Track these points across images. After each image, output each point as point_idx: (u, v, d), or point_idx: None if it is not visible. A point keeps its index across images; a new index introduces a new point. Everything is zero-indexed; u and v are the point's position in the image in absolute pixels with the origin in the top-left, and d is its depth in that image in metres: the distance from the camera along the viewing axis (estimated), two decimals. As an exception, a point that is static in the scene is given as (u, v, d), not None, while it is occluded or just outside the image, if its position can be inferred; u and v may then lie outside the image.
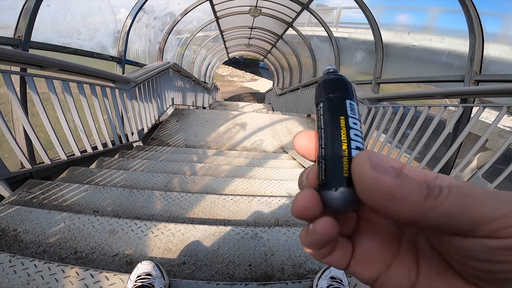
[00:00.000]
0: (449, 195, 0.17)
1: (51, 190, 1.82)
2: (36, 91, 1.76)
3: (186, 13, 5.33)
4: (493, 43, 2.27)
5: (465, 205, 0.17)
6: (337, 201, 0.20)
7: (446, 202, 0.17)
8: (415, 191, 0.17)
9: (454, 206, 0.17)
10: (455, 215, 0.17)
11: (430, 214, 0.17)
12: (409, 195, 0.17)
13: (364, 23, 4.05)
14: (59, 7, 2.67)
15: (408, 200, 0.17)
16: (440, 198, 0.17)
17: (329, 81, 0.24)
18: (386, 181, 0.18)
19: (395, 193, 0.18)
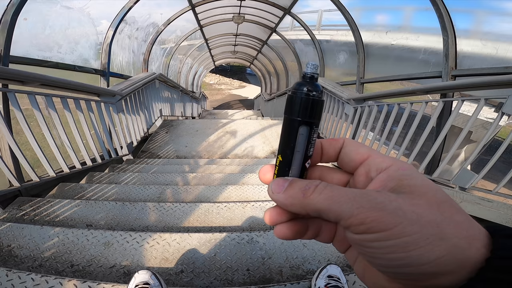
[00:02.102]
0: (319, 195, 0.23)
1: (42, 206, 1.79)
2: (19, 108, 1.73)
3: (169, 22, 5.35)
4: (465, 39, 2.37)
5: (329, 204, 0.23)
6: None
7: (315, 199, 0.23)
8: (296, 195, 0.24)
9: (322, 203, 0.23)
10: (324, 210, 0.23)
11: (308, 208, 0.24)
12: (293, 199, 0.25)
13: (344, 25, 4.15)
14: (37, 20, 2.63)
15: (293, 203, 0.25)
16: (311, 196, 0.24)
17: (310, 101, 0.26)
18: (278, 198, 0.25)
19: (285, 202, 0.25)
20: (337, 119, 3.81)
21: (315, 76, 0.26)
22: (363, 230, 0.22)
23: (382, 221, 0.21)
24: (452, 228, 0.21)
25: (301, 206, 0.24)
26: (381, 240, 0.21)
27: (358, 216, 0.22)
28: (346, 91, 3.72)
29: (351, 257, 0.29)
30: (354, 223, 0.22)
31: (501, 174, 1.81)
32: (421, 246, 0.20)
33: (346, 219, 0.22)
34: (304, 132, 0.26)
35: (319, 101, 0.26)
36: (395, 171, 0.25)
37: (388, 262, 0.22)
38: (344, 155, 0.28)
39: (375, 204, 0.22)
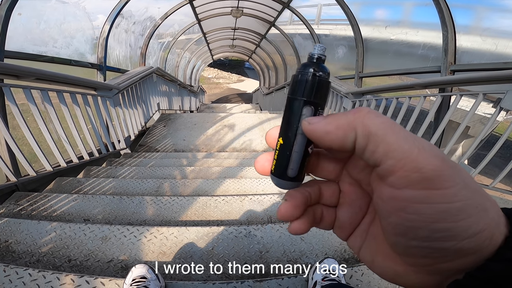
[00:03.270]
0: (378, 117, 0.20)
1: (39, 201, 1.79)
2: (14, 102, 1.72)
3: (166, 16, 5.28)
4: (464, 35, 2.37)
5: (386, 131, 0.19)
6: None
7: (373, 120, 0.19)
8: (343, 116, 0.21)
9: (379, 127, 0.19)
10: (378, 136, 0.19)
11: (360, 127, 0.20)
12: (339, 121, 0.21)
13: (343, 19, 4.13)
14: (32, 15, 2.60)
15: (339, 125, 0.21)
16: (368, 115, 0.20)
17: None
18: (318, 125, 0.22)
19: (327, 127, 0.21)
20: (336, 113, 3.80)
21: (322, 58, 0.24)
22: (414, 182, 0.18)
23: (442, 174, 0.17)
24: (489, 201, 0.19)
25: (351, 125, 0.20)
26: (434, 201, 0.17)
27: (417, 158, 0.17)
28: (345, 85, 3.71)
29: (356, 243, 0.26)
30: (408, 167, 0.17)
31: (497, 169, 1.82)
32: (471, 215, 0.17)
33: (399, 159, 0.18)
34: (308, 113, 0.24)
35: (325, 82, 0.24)
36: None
37: (429, 234, 0.18)
38: None
39: (438, 153, 0.18)
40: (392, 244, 0.22)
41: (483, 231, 0.18)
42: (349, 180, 0.26)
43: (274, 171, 0.26)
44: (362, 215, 0.26)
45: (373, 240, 0.25)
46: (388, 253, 0.23)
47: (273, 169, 0.26)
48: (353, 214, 0.26)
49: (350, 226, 0.27)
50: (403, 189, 0.18)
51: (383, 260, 0.23)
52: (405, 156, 0.18)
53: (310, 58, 0.24)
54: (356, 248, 0.26)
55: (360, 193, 0.26)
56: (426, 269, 0.20)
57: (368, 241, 0.26)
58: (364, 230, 0.26)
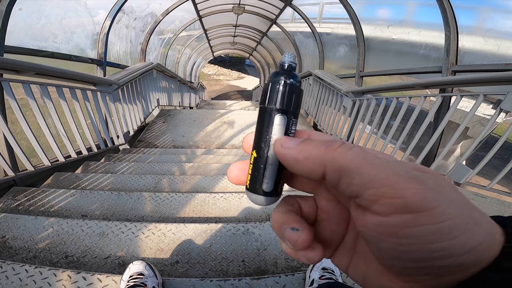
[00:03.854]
0: (347, 150, 0.19)
1: (37, 196, 1.79)
2: (13, 97, 1.71)
3: (167, 13, 5.25)
4: (467, 35, 2.36)
5: (359, 163, 0.18)
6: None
7: (344, 154, 0.19)
8: (316, 148, 0.20)
9: (351, 160, 0.19)
10: (351, 169, 0.19)
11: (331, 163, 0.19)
12: (310, 152, 0.20)
13: (345, 18, 4.11)
14: (32, 10, 2.59)
15: (309, 157, 0.20)
16: (339, 149, 0.20)
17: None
18: (288, 151, 0.21)
19: (298, 156, 0.21)
20: (335, 111, 3.80)
21: (292, 65, 0.24)
22: (398, 208, 0.17)
23: (424, 196, 0.17)
24: (479, 213, 0.18)
25: (321, 159, 0.20)
26: (423, 223, 0.17)
27: (396, 185, 0.17)
28: (345, 84, 3.70)
29: (341, 262, 0.25)
30: (389, 194, 0.17)
31: (495, 170, 1.82)
32: (463, 232, 0.17)
33: (377, 188, 0.18)
34: (280, 122, 0.23)
35: (298, 89, 0.23)
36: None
37: (425, 255, 0.18)
38: None
39: (414, 175, 0.18)
40: (387, 266, 0.21)
41: (480, 244, 0.18)
42: (326, 195, 0.25)
43: (249, 186, 0.24)
44: (343, 232, 0.25)
45: (361, 258, 0.24)
46: (380, 271, 0.22)
47: (248, 184, 0.24)
48: (333, 231, 0.25)
49: (331, 243, 0.25)
50: (390, 215, 0.18)
51: (376, 278, 0.22)
52: (383, 184, 0.18)
53: (281, 66, 0.24)
54: (343, 267, 0.25)
55: (338, 209, 0.25)
56: (427, 284, 0.20)
57: (356, 259, 0.24)
58: (350, 248, 0.25)
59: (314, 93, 4.69)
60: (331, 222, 0.25)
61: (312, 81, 4.77)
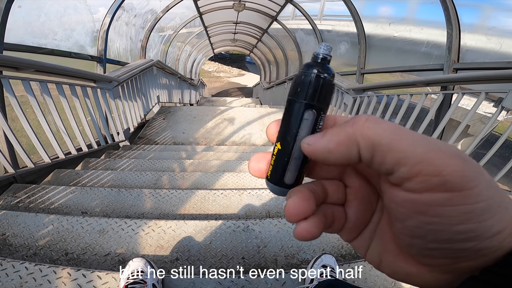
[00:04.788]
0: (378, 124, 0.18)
1: (37, 193, 1.79)
2: (13, 94, 1.70)
3: (168, 9, 5.23)
4: (469, 33, 2.35)
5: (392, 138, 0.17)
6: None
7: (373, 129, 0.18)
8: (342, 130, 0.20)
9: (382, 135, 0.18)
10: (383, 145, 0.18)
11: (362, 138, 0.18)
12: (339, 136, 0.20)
13: (347, 15, 4.09)
14: (32, 7, 2.58)
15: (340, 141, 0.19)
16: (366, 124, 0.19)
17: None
18: (318, 146, 0.20)
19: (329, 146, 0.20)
20: (336, 108, 3.79)
21: (327, 58, 0.23)
22: (435, 186, 0.16)
23: (465, 175, 0.16)
24: (507, 198, 0.18)
25: (353, 139, 0.19)
26: (458, 203, 0.16)
27: (435, 161, 0.16)
28: (346, 81, 3.68)
29: (363, 244, 0.24)
30: (426, 171, 0.16)
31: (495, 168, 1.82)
32: (494, 215, 0.17)
33: (413, 165, 0.17)
34: (309, 117, 0.22)
35: (330, 85, 0.22)
36: None
37: (451, 236, 0.17)
38: None
39: (456, 152, 0.17)
40: (406, 246, 0.20)
41: (504, 229, 0.17)
42: (355, 174, 0.24)
43: (270, 177, 0.24)
44: (372, 212, 0.24)
45: (379, 240, 0.23)
46: (398, 253, 0.21)
47: (269, 174, 0.24)
48: (363, 212, 0.24)
49: (359, 225, 0.24)
50: (423, 193, 0.17)
51: (393, 260, 0.22)
52: (420, 161, 0.17)
53: (315, 58, 0.23)
54: (363, 249, 0.25)
55: (368, 188, 0.24)
56: (443, 268, 0.19)
57: (375, 241, 0.24)
58: (372, 230, 0.24)
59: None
60: (362, 201, 0.24)
61: (312, 79, 4.74)
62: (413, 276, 0.21)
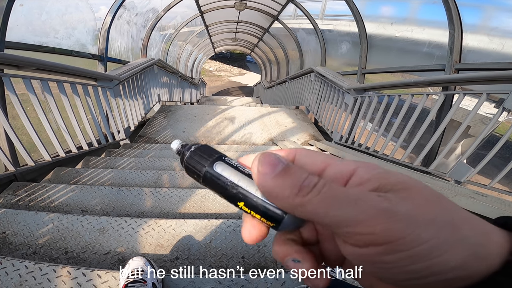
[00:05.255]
0: (317, 195, 0.20)
1: (37, 191, 1.79)
2: (14, 92, 1.71)
3: (169, 8, 5.22)
4: (471, 34, 2.34)
5: (327, 208, 0.19)
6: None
7: (312, 201, 0.20)
8: (289, 188, 0.20)
9: (318, 207, 0.19)
10: (318, 215, 0.19)
11: (299, 210, 0.20)
12: (282, 190, 0.20)
13: (348, 15, 4.08)
14: (33, 6, 2.58)
15: (278, 197, 0.21)
16: (308, 196, 0.20)
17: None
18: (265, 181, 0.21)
19: (271, 190, 0.21)
20: (337, 108, 3.78)
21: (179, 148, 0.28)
22: (371, 242, 0.18)
23: (394, 228, 0.18)
24: (466, 225, 0.19)
25: (290, 205, 0.20)
26: (396, 251, 0.18)
27: (365, 223, 0.18)
28: (347, 81, 3.68)
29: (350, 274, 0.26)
30: (360, 231, 0.18)
31: (496, 169, 1.81)
32: (444, 250, 0.18)
33: (348, 227, 0.19)
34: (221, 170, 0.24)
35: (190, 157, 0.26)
36: (366, 173, 0.21)
37: (409, 275, 0.18)
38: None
39: (383, 208, 0.18)
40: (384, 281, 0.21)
41: (465, 259, 0.18)
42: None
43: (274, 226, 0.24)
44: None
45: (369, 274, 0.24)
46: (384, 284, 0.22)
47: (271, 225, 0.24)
48: (334, 250, 0.25)
49: (335, 260, 0.26)
50: (366, 247, 0.19)
51: (381, 286, 0.23)
52: (353, 224, 0.19)
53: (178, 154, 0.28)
54: (353, 275, 0.25)
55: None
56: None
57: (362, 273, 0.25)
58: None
59: (315, 90, 4.67)
60: (330, 242, 0.25)
61: (313, 78, 4.74)
62: None
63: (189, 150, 0.26)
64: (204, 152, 0.25)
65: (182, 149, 0.27)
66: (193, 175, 0.26)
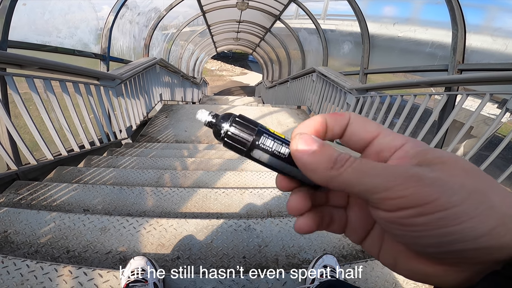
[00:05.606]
0: (348, 168, 0.21)
1: (39, 190, 1.79)
2: (16, 91, 1.71)
3: (171, 8, 5.23)
4: (475, 34, 2.32)
5: (359, 177, 0.21)
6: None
7: (344, 173, 0.21)
8: (324, 163, 0.22)
9: (351, 177, 0.21)
10: (352, 184, 0.21)
11: (333, 182, 0.22)
12: (318, 166, 0.22)
13: (350, 15, 4.07)
14: (36, 5, 2.59)
15: (316, 170, 0.22)
16: (340, 169, 0.21)
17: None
18: (302, 157, 0.23)
19: (308, 165, 0.23)
20: (339, 108, 3.78)
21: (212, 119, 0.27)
22: (401, 205, 0.19)
23: (423, 191, 0.19)
24: (498, 196, 0.19)
25: (326, 177, 0.22)
26: (426, 213, 0.18)
27: (395, 188, 0.19)
28: (349, 81, 3.67)
29: (373, 247, 0.26)
30: (390, 196, 0.19)
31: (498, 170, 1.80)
32: (473, 216, 0.18)
33: (379, 193, 0.20)
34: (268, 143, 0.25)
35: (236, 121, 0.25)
36: (412, 148, 0.22)
37: (438, 239, 0.19)
38: (350, 132, 0.25)
39: (412, 174, 0.19)
40: (414, 251, 0.22)
41: (495, 227, 0.18)
42: None
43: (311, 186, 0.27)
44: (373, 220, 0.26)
45: (392, 243, 0.24)
46: (412, 255, 0.22)
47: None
48: (363, 216, 0.26)
49: (362, 229, 0.26)
50: (396, 211, 0.20)
51: (408, 262, 0.23)
52: (386, 189, 0.19)
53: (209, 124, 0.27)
54: (374, 252, 0.26)
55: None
56: (457, 268, 0.21)
57: (387, 244, 0.25)
58: (380, 233, 0.26)
59: (317, 90, 4.66)
60: (362, 207, 0.26)
61: (315, 78, 4.74)
62: (430, 276, 0.22)
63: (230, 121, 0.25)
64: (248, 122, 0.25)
65: (216, 121, 0.26)
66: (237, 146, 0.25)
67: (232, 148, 0.25)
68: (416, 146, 0.22)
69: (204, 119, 0.27)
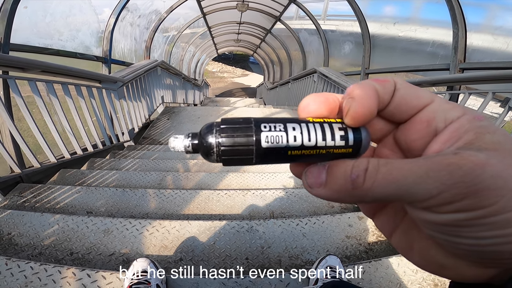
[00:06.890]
0: (375, 181, 0.17)
1: (43, 193, 1.80)
2: (19, 94, 1.72)
3: (171, 10, 5.25)
4: (476, 33, 2.32)
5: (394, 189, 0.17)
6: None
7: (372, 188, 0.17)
8: (343, 187, 0.18)
9: (384, 190, 0.17)
10: (388, 196, 0.17)
11: (365, 199, 0.18)
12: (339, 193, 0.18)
13: (351, 15, 4.07)
14: (37, 8, 2.61)
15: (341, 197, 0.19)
16: (364, 186, 0.17)
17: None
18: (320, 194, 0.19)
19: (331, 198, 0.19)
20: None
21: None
22: (451, 210, 0.16)
23: (479, 196, 0.16)
24: None
25: (355, 198, 0.18)
26: (476, 218, 0.16)
27: (442, 195, 0.16)
28: (350, 81, 3.67)
29: (387, 225, 0.23)
30: (438, 202, 0.16)
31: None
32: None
33: (423, 201, 0.17)
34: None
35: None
36: (470, 122, 0.18)
37: (478, 241, 0.17)
38: (398, 100, 0.21)
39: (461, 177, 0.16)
40: (440, 244, 0.19)
41: None
42: (391, 146, 0.23)
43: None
44: None
45: (410, 226, 0.22)
46: (433, 245, 0.20)
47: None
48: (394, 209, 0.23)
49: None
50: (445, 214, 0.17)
51: (426, 251, 0.21)
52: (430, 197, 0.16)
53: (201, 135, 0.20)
54: (387, 231, 0.23)
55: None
56: (485, 263, 0.18)
57: (404, 226, 0.22)
58: (398, 210, 0.23)
59: (318, 91, 4.66)
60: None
61: (316, 79, 4.74)
62: (447, 268, 0.20)
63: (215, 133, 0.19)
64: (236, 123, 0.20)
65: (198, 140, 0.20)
66: (241, 157, 0.20)
67: (235, 163, 0.20)
68: (473, 120, 0.19)
69: (181, 145, 0.20)
